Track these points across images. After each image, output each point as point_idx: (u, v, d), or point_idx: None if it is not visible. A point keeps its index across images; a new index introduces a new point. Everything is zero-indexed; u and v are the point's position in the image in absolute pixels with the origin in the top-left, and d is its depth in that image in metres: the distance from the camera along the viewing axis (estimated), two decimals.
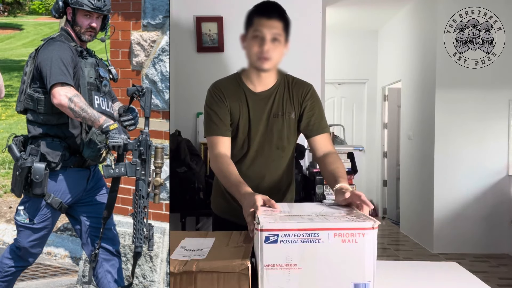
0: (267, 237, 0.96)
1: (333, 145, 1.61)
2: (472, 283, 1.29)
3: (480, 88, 4.27)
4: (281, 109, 1.57)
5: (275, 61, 1.49)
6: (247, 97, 1.56)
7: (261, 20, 1.45)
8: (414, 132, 4.93)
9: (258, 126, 1.56)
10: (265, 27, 1.44)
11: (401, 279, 1.31)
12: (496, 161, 4.29)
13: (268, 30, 1.44)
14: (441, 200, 4.32)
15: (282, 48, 1.49)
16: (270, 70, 1.52)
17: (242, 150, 1.59)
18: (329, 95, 6.09)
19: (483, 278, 1.35)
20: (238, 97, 1.56)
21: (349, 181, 2.67)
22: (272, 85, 1.57)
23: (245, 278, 0.96)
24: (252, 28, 1.47)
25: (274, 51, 1.46)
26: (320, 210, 1.14)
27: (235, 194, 1.36)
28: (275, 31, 1.45)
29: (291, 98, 1.58)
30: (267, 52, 1.45)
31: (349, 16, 5.42)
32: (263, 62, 1.47)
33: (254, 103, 1.56)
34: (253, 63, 1.51)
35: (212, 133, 1.53)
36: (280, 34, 1.46)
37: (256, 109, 1.56)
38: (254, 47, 1.46)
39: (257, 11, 1.48)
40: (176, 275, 0.98)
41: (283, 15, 1.49)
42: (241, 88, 1.57)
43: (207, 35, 3.08)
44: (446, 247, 4.31)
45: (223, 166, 1.47)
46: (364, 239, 0.97)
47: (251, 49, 1.47)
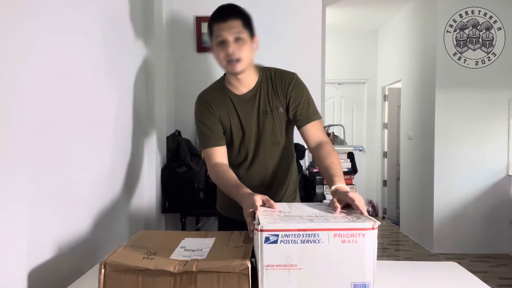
0: (267, 237, 0.96)
1: (325, 133, 1.58)
2: (472, 283, 1.30)
3: (480, 88, 4.27)
4: (268, 106, 1.56)
5: (246, 60, 1.47)
6: (234, 102, 1.56)
7: (219, 25, 1.45)
8: (414, 132, 4.93)
9: (250, 127, 1.57)
10: (224, 30, 1.44)
11: (401, 279, 1.31)
12: (496, 161, 4.30)
13: (227, 32, 1.43)
14: (441, 200, 4.33)
15: (248, 45, 1.47)
16: (244, 71, 1.50)
17: (240, 154, 1.61)
18: (329, 95, 6.09)
19: (483, 278, 1.35)
20: (225, 104, 1.56)
21: (349, 181, 2.69)
22: (254, 83, 1.56)
23: (245, 278, 0.96)
24: (214, 35, 1.47)
25: (241, 50, 1.45)
26: (320, 210, 1.14)
27: (235, 197, 1.37)
28: (235, 31, 1.43)
29: (276, 91, 1.56)
30: (233, 54, 1.44)
31: (349, 16, 5.42)
32: (234, 65, 1.46)
33: (241, 105, 1.56)
34: (225, 69, 1.50)
35: (206, 145, 1.55)
36: (241, 32, 1.44)
37: (245, 111, 1.56)
38: (220, 53, 1.46)
39: (213, 18, 1.48)
40: (176, 275, 0.98)
41: (239, 13, 1.47)
42: (225, 94, 1.57)
43: (207, 35, 3.07)
44: (446, 247, 4.32)
45: (221, 174, 1.48)
46: (364, 240, 0.97)
47: (219, 56, 1.47)
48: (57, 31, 1.41)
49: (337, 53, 5.93)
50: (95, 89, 1.71)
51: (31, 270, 1.28)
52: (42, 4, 1.32)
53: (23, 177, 1.23)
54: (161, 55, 2.59)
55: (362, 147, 2.91)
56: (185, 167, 2.66)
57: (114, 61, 1.94)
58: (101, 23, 1.80)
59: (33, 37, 1.27)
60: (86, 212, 1.67)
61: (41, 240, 1.34)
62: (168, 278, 0.98)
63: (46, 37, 1.34)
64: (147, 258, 1.02)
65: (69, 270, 1.48)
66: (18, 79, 1.20)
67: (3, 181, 1.14)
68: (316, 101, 3.04)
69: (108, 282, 1.00)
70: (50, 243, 1.40)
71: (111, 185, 1.92)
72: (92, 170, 1.69)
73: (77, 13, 1.56)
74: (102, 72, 1.79)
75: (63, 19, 1.45)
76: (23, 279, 1.25)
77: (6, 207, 1.16)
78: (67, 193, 1.50)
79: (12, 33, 1.17)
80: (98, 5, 1.77)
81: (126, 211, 2.11)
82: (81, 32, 1.60)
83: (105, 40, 1.82)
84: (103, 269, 1.00)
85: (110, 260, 1.01)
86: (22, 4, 1.21)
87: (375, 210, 6.25)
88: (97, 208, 1.77)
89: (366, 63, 6.19)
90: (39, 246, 1.34)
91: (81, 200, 1.62)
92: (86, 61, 1.64)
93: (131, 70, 2.20)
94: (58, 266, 1.43)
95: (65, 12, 1.47)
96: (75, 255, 1.54)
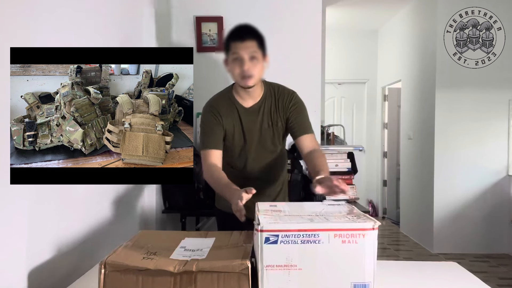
0: (267, 237, 0.96)
1: (318, 144, 1.78)
2: (472, 283, 1.30)
3: (480, 88, 4.27)
4: (270, 121, 1.76)
5: (257, 77, 1.66)
6: (240, 113, 1.74)
7: (236, 44, 1.61)
8: (414, 132, 4.93)
9: (252, 136, 1.75)
10: (241, 49, 1.60)
11: (401, 279, 1.31)
12: (496, 161, 4.29)
13: (244, 51, 1.60)
14: (441, 200, 4.33)
15: (261, 64, 1.65)
16: (254, 86, 1.68)
17: (240, 157, 1.78)
18: (329, 95, 6.09)
19: (483, 278, 1.35)
20: (232, 113, 1.74)
21: (349, 181, 2.69)
22: (259, 97, 1.75)
23: (245, 278, 0.96)
24: (231, 52, 1.63)
25: (254, 68, 1.62)
26: (320, 209, 1.14)
27: (226, 195, 1.53)
28: (251, 50, 1.61)
29: (277, 108, 1.76)
30: (248, 71, 1.61)
31: (349, 16, 5.42)
32: (247, 81, 1.63)
33: (246, 117, 1.74)
34: (238, 82, 1.68)
35: (207, 147, 1.71)
36: (256, 52, 1.62)
37: (249, 122, 1.74)
38: (236, 69, 1.63)
39: (231, 37, 1.64)
40: (176, 275, 0.98)
41: (256, 34, 1.64)
42: (233, 104, 1.75)
43: (207, 35, 3.08)
44: (446, 247, 4.32)
45: (214, 174, 1.65)
46: (364, 240, 0.97)
47: (234, 71, 1.64)
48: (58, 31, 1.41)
49: (337, 53, 5.93)
50: None
51: (31, 270, 1.28)
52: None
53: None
54: None
55: (362, 147, 2.91)
56: None
57: None
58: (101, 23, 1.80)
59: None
60: (86, 212, 1.67)
61: (41, 240, 1.34)
62: (168, 278, 0.98)
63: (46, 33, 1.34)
64: (147, 258, 1.02)
65: (69, 270, 1.48)
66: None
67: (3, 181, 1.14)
68: (316, 101, 3.06)
69: (108, 282, 1.00)
70: (50, 243, 1.40)
71: (111, 185, 1.92)
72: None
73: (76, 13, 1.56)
74: None
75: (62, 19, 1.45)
76: (23, 279, 1.25)
77: (6, 207, 1.15)
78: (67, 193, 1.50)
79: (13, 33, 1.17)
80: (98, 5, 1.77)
81: (126, 211, 2.11)
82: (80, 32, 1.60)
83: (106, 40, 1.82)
84: (103, 269, 1.00)
85: (110, 260, 1.00)
86: None
87: (375, 210, 6.25)
88: (97, 208, 1.77)
89: (366, 63, 6.19)
90: (39, 246, 1.34)
91: (81, 200, 1.62)
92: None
93: None
94: (58, 266, 1.43)
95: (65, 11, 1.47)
96: (75, 255, 1.54)
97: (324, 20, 3.83)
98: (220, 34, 3.06)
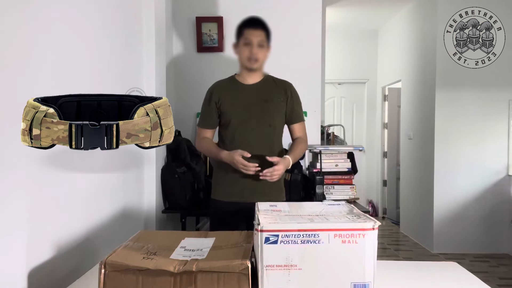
0: (267, 237, 0.96)
1: (305, 132, 2.08)
2: (472, 283, 1.30)
3: (480, 88, 4.27)
4: (271, 96, 1.99)
5: (261, 61, 1.97)
6: (240, 88, 2.00)
7: (249, 30, 1.92)
8: (414, 132, 4.93)
9: (252, 108, 1.95)
10: (253, 35, 1.91)
11: (401, 279, 1.31)
12: (496, 161, 4.29)
13: (255, 38, 1.91)
14: (441, 200, 4.32)
15: (266, 52, 1.97)
16: (257, 69, 1.99)
17: (240, 130, 1.95)
18: (329, 95, 6.09)
19: (483, 278, 1.35)
20: (233, 89, 2.00)
21: (349, 181, 2.69)
22: (260, 79, 2.02)
23: (245, 278, 0.96)
24: (243, 37, 1.93)
25: (260, 53, 1.94)
26: (320, 209, 1.14)
27: (222, 157, 1.89)
28: (260, 39, 1.92)
29: (278, 89, 2.02)
30: (255, 54, 1.92)
31: (349, 16, 5.42)
32: (253, 63, 1.94)
33: (246, 91, 1.99)
34: (244, 64, 1.96)
35: (204, 125, 2.05)
36: (264, 41, 1.93)
37: (249, 96, 1.98)
38: (245, 52, 1.93)
39: (246, 24, 1.95)
40: (176, 275, 0.98)
41: (265, 26, 1.95)
42: (235, 83, 2.02)
43: (207, 35, 3.08)
44: (446, 247, 4.32)
45: (206, 144, 2.01)
46: (365, 240, 0.97)
47: (243, 53, 1.94)
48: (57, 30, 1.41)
49: (337, 53, 5.93)
50: (95, 88, 1.71)
51: (31, 270, 1.28)
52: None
53: (23, 176, 1.23)
54: (161, 55, 2.59)
55: (362, 147, 2.91)
56: (185, 167, 2.66)
57: (115, 61, 1.94)
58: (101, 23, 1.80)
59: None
60: (86, 212, 1.67)
61: (41, 240, 1.34)
62: (168, 278, 0.98)
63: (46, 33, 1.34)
64: (147, 258, 1.02)
65: (69, 270, 1.48)
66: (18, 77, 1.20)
67: (3, 180, 1.14)
68: (316, 101, 3.07)
69: (108, 282, 1.00)
70: (50, 243, 1.40)
71: (111, 185, 1.92)
72: (92, 170, 1.69)
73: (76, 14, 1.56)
74: (102, 72, 1.79)
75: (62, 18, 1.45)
76: (23, 279, 1.25)
77: (6, 206, 1.15)
78: (67, 193, 1.50)
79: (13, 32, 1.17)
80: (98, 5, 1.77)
81: (126, 211, 2.11)
82: (81, 32, 1.60)
83: (106, 40, 1.82)
84: (103, 269, 1.00)
85: (110, 260, 1.00)
86: None
87: (375, 210, 6.25)
88: (97, 208, 1.77)
89: (366, 63, 6.18)
90: (39, 246, 1.34)
91: (81, 200, 1.62)
92: (86, 60, 1.64)
93: (131, 70, 2.19)
94: (58, 266, 1.43)
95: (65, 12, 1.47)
96: (75, 255, 1.54)
97: (324, 20, 3.83)
98: (220, 34, 3.07)
